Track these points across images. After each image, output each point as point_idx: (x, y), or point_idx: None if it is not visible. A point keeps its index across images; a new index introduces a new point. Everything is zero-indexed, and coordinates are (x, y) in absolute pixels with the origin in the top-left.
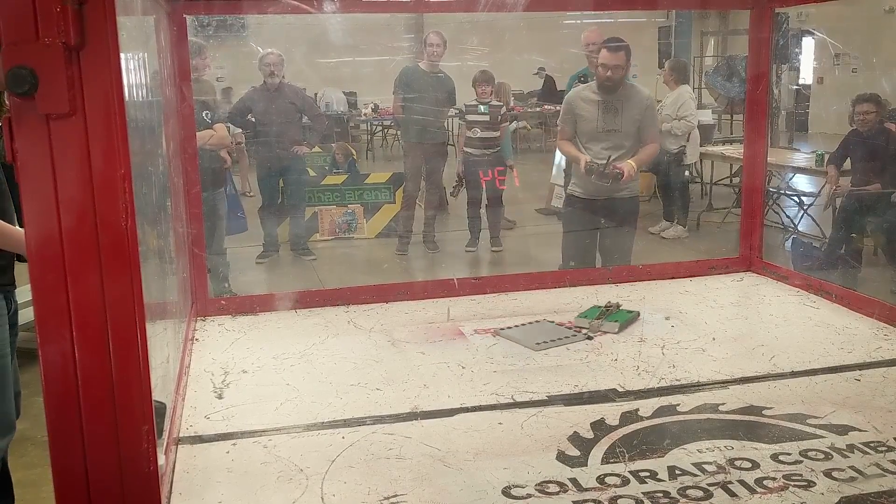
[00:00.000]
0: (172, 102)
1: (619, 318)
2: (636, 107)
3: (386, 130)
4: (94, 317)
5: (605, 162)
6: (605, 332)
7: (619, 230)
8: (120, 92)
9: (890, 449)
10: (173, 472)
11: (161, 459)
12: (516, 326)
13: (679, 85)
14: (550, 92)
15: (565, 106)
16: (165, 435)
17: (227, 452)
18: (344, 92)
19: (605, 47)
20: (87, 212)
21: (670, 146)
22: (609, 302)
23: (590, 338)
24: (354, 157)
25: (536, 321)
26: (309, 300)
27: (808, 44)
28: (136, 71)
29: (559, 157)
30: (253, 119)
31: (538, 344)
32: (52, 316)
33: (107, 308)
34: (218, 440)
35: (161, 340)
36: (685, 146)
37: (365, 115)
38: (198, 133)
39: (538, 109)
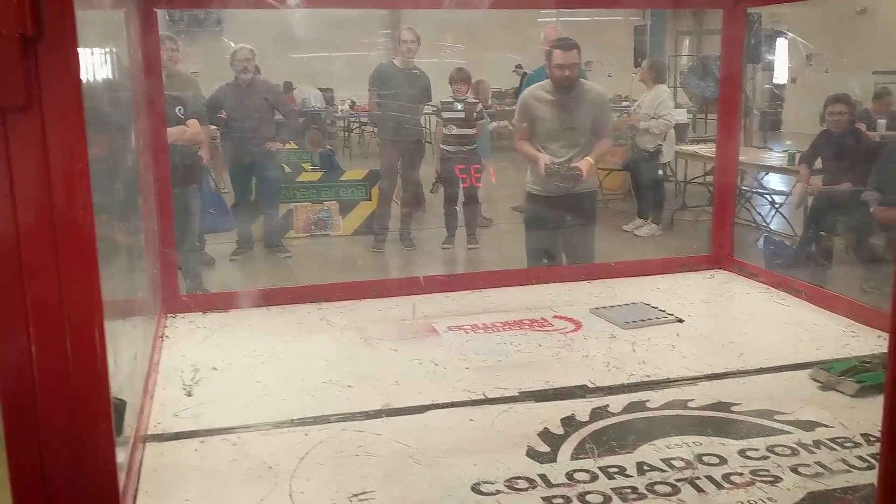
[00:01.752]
0: (142, 97)
1: (871, 379)
2: (591, 104)
3: (363, 127)
4: (51, 314)
5: (563, 161)
6: (841, 392)
7: (580, 226)
8: (78, 85)
9: (856, 445)
10: (140, 469)
11: (120, 457)
12: (612, 307)
13: (657, 84)
14: None
15: (521, 107)
16: (132, 432)
17: (196, 450)
18: (320, 88)
19: (559, 48)
20: (44, 208)
21: (647, 145)
22: (868, 358)
23: (680, 321)
24: (330, 149)
25: (633, 303)
26: (281, 297)
27: (781, 44)
28: (102, 65)
29: None
30: (224, 115)
31: (627, 323)
32: (8, 313)
33: (64, 305)
34: (186, 438)
35: (129, 338)
36: (661, 145)
37: (342, 111)
38: (170, 129)
39: (515, 108)
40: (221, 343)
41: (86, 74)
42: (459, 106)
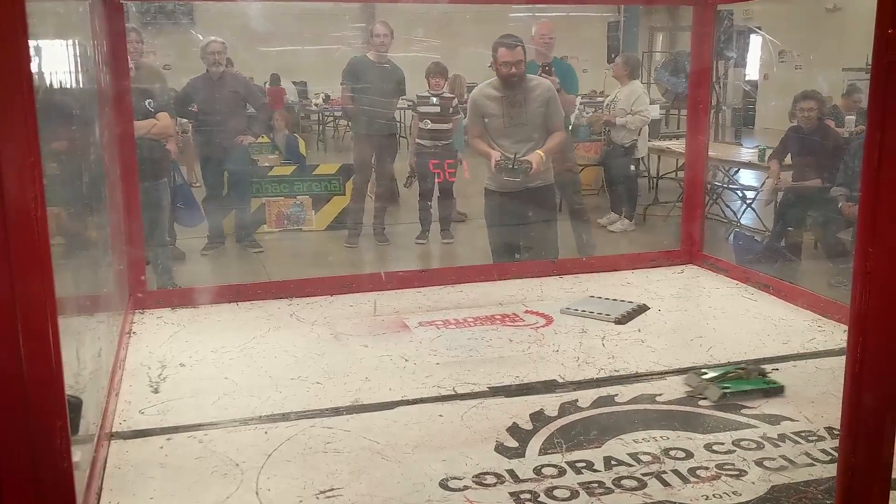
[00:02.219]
0: (108, 90)
1: (735, 385)
2: (538, 98)
3: (337, 121)
4: (2, 311)
5: (512, 158)
6: (706, 398)
7: (540, 220)
8: (28, 76)
9: (820, 438)
10: (105, 467)
11: (77, 456)
12: (601, 299)
13: (630, 80)
14: None
15: (471, 105)
16: (97, 430)
17: (161, 447)
18: (294, 82)
19: (504, 45)
20: None
21: (623, 140)
22: (744, 365)
23: (620, 322)
24: (294, 134)
25: (615, 299)
26: (251, 293)
27: (753, 41)
28: (62, 56)
29: None
30: (194, 108)
31: (566, 309)
32: None
33: (16, 302)
34: (152, 435)
35: (93, 334)
36: (637, 140)
37: (316, 105)
38: (139, 122)
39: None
40: (189, 339)
41: (44, 66)
42: (435, 100)
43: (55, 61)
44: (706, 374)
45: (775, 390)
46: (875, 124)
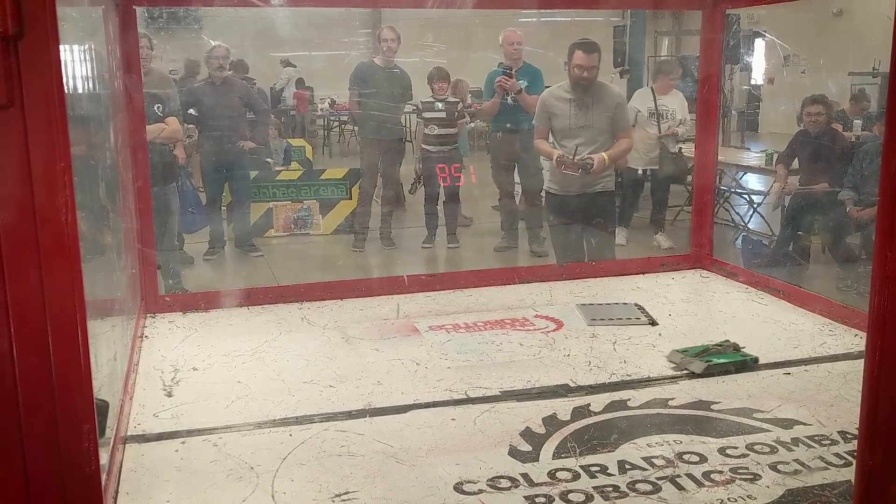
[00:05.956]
0: (120, 95)
1: (717, 358)
2: (606, 104)
3: (343, 126)
4: (33, 314)
5: (574, 150)
6: (691, 371)
7: (597, 226)
8: (60, 83)
9: (833, 442)
10: (120, 471)
11: (103, 459)
12: (597, 304)
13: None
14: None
15: (539, 105)
16: (113, 433)
17: (176, 451)
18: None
19: (581, 49)
20: (25, 206)
21: (672, 148)
22: (720, 342)
23: (654, 323)
24: (283, 136)
25: (624, 302)
26: (262, 297)
27: (759, 45)
28: (81, 62)
29: None
30: (195, 113)
31: (593, 320)
32: None
33: (46, 305)
34: (167, 438)
35: (108, 338)
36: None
37: (322, 110)
38: (148, 127)
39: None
40: (202, 343)
41: (66, 72)
42: (440, 105)
43: (74, 67)
44: (686, 351)
45: (751, 362)
46: (894, 130)
